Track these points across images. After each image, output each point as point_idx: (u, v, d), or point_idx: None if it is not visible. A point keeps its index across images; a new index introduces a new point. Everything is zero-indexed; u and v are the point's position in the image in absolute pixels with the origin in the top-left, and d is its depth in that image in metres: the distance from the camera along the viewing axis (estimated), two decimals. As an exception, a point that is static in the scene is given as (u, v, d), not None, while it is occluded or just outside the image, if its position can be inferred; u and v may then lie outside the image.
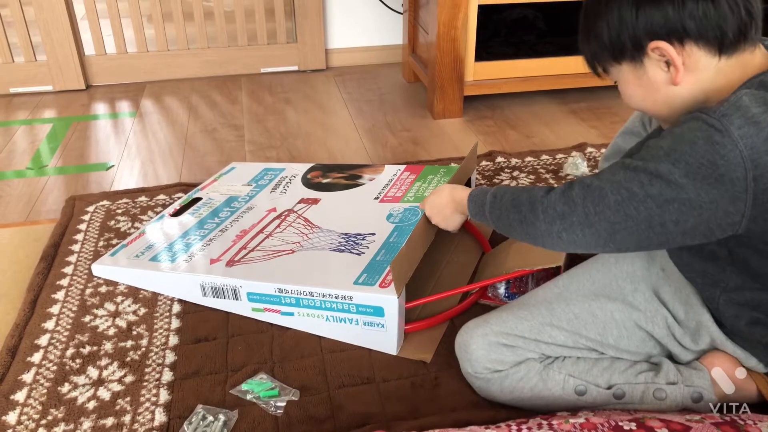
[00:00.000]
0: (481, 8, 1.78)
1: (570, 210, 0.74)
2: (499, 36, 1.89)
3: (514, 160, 1.59)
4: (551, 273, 1.03)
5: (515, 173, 1.53)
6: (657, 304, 0.87)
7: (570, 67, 1.93)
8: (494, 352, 0.86)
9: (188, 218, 1.30)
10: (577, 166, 1.52)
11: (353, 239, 1.15)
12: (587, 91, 2.02)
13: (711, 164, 0.67)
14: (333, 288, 1.00)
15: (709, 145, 0.67)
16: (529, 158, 1.60)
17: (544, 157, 1.60)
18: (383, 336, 0.98)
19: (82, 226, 1.34)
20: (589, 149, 1.63)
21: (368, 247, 1.11)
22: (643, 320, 0.87)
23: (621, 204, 0.71)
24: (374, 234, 1.15)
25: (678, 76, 0.73)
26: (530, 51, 1.91)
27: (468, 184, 1.29)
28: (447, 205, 1.02)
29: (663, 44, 0.73)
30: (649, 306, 0.87)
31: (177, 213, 1.33)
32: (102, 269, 1.18)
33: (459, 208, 0.99)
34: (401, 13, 2.19)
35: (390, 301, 0.95)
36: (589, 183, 0.74)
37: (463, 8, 1.74)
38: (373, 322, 0.98)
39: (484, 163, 1.57)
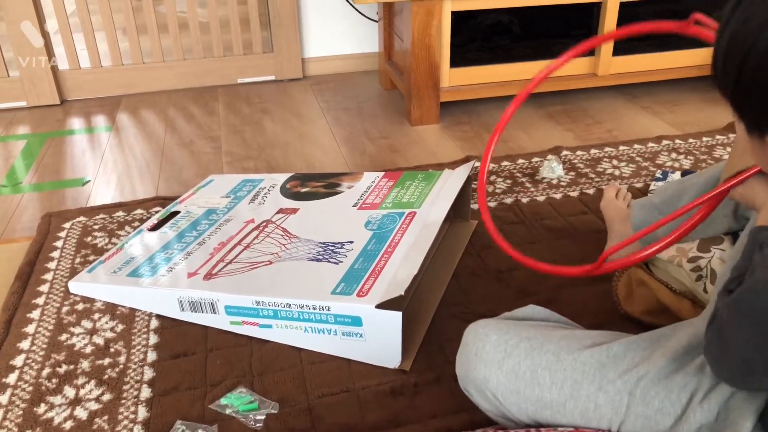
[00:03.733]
0: (455, 15, 1.80)
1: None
2: (473, 42, 1.90)
3: (490, 165, 1.60)
4: None
5: (492, 178, 1.54)
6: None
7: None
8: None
9: (166, 232, 1.29)
10: (553, 169, 1.53)
11: (331, 248, 1.15)
12: (563, 95, 2.04)
13: None
14: (310, 299, 0.99)
15: None
16: (505, 162, 1.61)
17: (521, 161, 1.62)
18: (362, 346, 0.98)
19: (59, 243, 1.33)
20: (565, 152, 1.64)
21: (346, 256, 1.11)
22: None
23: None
24: (352, 242, 1.16)
25: None
26: (505, 56, 1.93)
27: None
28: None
29: None
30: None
31: (155, 227, 1.32)
32: (79, 286, 1.17)
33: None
34: (376, 21, 2.20)
35: (367, 310, 0.95)
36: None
37: (436, 15, 1.76)
38: (351, 332, 0.98)
39: (461, 168, 1.58)
